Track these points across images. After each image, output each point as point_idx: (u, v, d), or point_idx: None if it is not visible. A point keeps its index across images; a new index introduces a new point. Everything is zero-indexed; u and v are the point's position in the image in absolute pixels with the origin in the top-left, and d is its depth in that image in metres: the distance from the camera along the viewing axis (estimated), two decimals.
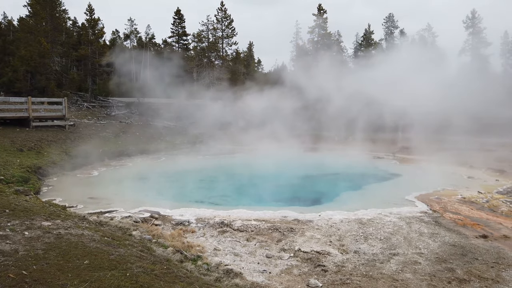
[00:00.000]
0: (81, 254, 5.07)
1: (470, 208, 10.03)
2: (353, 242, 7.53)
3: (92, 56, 33.60)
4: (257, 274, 6.19)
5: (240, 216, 9.00)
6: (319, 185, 14.47)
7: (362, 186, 13.43)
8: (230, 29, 40.57)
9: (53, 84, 29.26)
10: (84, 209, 9.38)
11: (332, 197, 11.77)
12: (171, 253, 6.50)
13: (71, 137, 19.18)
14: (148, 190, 12.56)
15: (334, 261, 6.68)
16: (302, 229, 8.15)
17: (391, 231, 8.09)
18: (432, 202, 10.59)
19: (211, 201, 11.31)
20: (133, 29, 58.27)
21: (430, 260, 6.74)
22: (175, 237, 7.56)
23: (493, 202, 10.62)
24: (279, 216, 9.04)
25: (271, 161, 18.57)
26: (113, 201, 10.34)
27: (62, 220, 6.73)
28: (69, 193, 11.22)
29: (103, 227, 7.32)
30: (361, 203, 10.38)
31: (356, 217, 8.94)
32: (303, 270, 6.36)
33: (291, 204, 10.78)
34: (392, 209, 9.74)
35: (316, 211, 9.48)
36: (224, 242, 7.55)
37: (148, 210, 9.36)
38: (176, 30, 44.74)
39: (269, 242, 7.51)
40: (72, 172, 14.54)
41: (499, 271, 6.32)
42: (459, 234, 8.01)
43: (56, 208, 8.18)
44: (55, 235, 5.73)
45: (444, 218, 9.10)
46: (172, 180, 14.83)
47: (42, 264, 4.57)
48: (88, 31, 34.37)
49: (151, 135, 24.76)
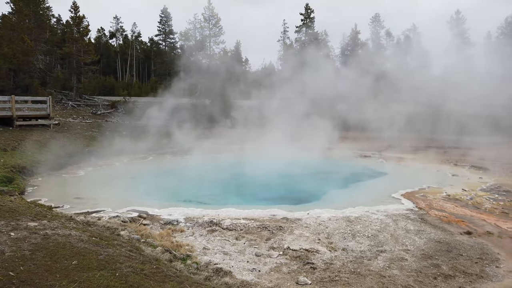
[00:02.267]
0: (69, 254, 5.02)
1: (454, 205, 10.24)
2: (341, 239, 7.62)
3: (77, 54, 33.07)
4: (247, 272, 6.21)
5: (229, 215, 9.01)
6: (306, 184, 14.56)
7: (349, 185, 13.56)
8: (218, 27, 40.44)
9: (37, 83, 28.73)
10: (71, 209, 9.26)
11: (320, 196, 11.86)
12: (160, 252, 6.48)
13: (56, 136, 18.88)
14: (135, 189, 12.46)
15: (322, 259, 6.74)
16: (291, 227, 8.21)
17: (378, 228, 8.21)
18: (417, 199, 10.77)
19: (199, 200, 11.28)
20: (119, 27, 57.85)
21: (416, 256, 6.86)
22: (164, 237, 7.53)
23: (477, 199, 10.87)
24: (268, 215, 9.08)
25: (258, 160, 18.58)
26: (100, 201, 10.23)
27: (48, 221, 6.65)
28: (55, 193, 11.06)
29: (90, 227, 7.25)
30: (348, 201, 10.49)
31: (344, 215, 9.04)
32: (292, 268, 6.41)
33: (280, 203, 10.82)
34: (379, 206, 9.87)
35: (304, 210, 9.55)
36: (213, 241, 7.55)
37: (136, 209, 9.29)
38: (163, 29, 44.46)
39: (258, 241, 7.54)
40: (57, 172, 14.32)
41: (483, 267, 6.48)
42: (444, 230, 8.17)
43: (42, 208, 8.07)
44: (42, 235, 5.66)
45: (429, 215, 9.26)
46: (160, 179, 14.74)
47: (29, 265, 4.51)
48: (73, 29, 33.83)
49: (138, 135, 24.50)
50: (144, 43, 56.80)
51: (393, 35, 45.99)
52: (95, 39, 53.15)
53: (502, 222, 8.84)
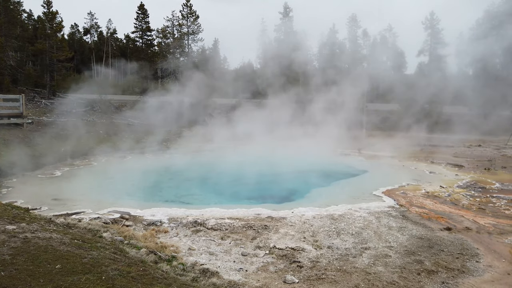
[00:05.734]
0: (52, 258, 4.84)
1: (434, 202, 10.50)
2: (326, 237, 7.68)
3: (50, 50, 32.05)
4: (234, 272, 6.18)
5: (213, 214, 8.93)
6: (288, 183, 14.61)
7: (331, 183, 13.69)
8: (196, 25, 40.08)
9: (8, 80, 27.72)
10: (49, 211, 8.96)
11: (303, 194, 11.92)
12: (145, 254, 6.36)
13: (30, 135, 18.24)
14: (115, 190, 12.19)
15: (309, 257, 6.78)
16: (276, 226, 8.21)
17: (361, 225, 8.32)
18: (398, 197, 10.98)
19: (182, 200, 11.15)
20: (94, 23, 56.34)
21: (399, 253, 6.99)
22: (147, 238, 7.39)
23: (455, 196, 11.18)
24: (253, 214, 9.05)
25: (240, 159, 18.54)
26: (79, 202, 9.95)
27: (27, 223, 6.40)
28: (31, 194, 10.68)
29: (71, 229, 7.03)
30: (331, 199, 10.60)
31: (328, 213, 9.12)
32: (279, 266, 6.41)
33: (263, 202, 10.84)
34: (361, 204, 10.02)
35: (288, 208, 9.57)
36: (199, 241, 7.47)
37: (117, 210, 9.07)
38: (139, 25, 43.66)
39: (244, 240, 7.51)
40: (32, 172, 13.84)
41: (464, 262, 6.66)
42: (425, 227, 8.36)
43: (19, 210, 7.76)
44: (21, 239, 5.44)
45: (410, 212, 9.46)
46: (139, 179, 14.45)
47: (10, 270, 4.33)
48: (45, 25, 32.73)
49: (115, 133, 24.04)
50: (120, 40, 55.61)
51: (370, 35, 46.75)
52: (69, 35, 51.62)
53: (480, 218, 9.13)
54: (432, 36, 40.17)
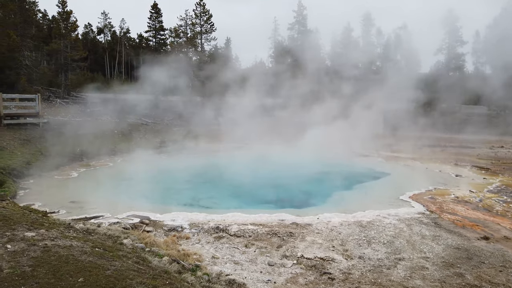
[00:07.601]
0: (74, 270, 4.55)
1: (465, 208, 9.98)
2: (357, 246, 7.26)
3: (65, 50, 32.11)
4: (262, 284, 5.83)
5: (236, 220, 8.58)
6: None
7: (353, 186, 13.21)
8: (209, 24, 39.80)
9: (24, 79, 27.78)
10: (67, 214, 8.72)
11: (325, 198, 11.50)
12: (168, 263, 6.03)
13: (45, 135, 18.11)
14: (132, 192, 11.91)
15: (339, 268, 6.39)
16: (302, 234, 7.83)
17: (393, 234, 7.88)
18: (427, 202, 10.47)
19: (200, 203, 10.82)
20: (107, 23, 56.55)
21: (437, 264, 6.55)
22: (169, 245, 7.07)
23: (487, 202, 10.64)
24: (276, 220, 8.67)
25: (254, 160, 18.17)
26: (97, 205, 9.68)
27: (46, 230, 6.14)
28: (49, 196, 10.47)
29: (91, 235, 6.75)
30: (357, 205, 10.16)
31: (355, 220, 8.69)
32: (309, 278, 6.04)
33: (282, 205, 10.46)
34: (389, 210, 9.55)
35: (312, 213, 9.17)
36: (222, 249, 7.14)
37: (137, 215, 8.78)
38: (153, 25, 43.54)
39: (269, 248, 7.15)
40: (49, 173, 13.67)
41: (509, 276, 6.19)
42: (461, 236, 7.88)
43: (37, 214, 7.52)
44: (41, 247, 5.17)
45: (442, 219, 8.98)
46: (156, 181, 14.18)
47: (31, 284, 4.04)
48: (60, 25, 32.79)
49: (129, 133, 23.90)
50: (133, 39, 55.68)
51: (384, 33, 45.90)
52: (82, 35, 51.86)
53: None
54: (451, 34, 39.23)
